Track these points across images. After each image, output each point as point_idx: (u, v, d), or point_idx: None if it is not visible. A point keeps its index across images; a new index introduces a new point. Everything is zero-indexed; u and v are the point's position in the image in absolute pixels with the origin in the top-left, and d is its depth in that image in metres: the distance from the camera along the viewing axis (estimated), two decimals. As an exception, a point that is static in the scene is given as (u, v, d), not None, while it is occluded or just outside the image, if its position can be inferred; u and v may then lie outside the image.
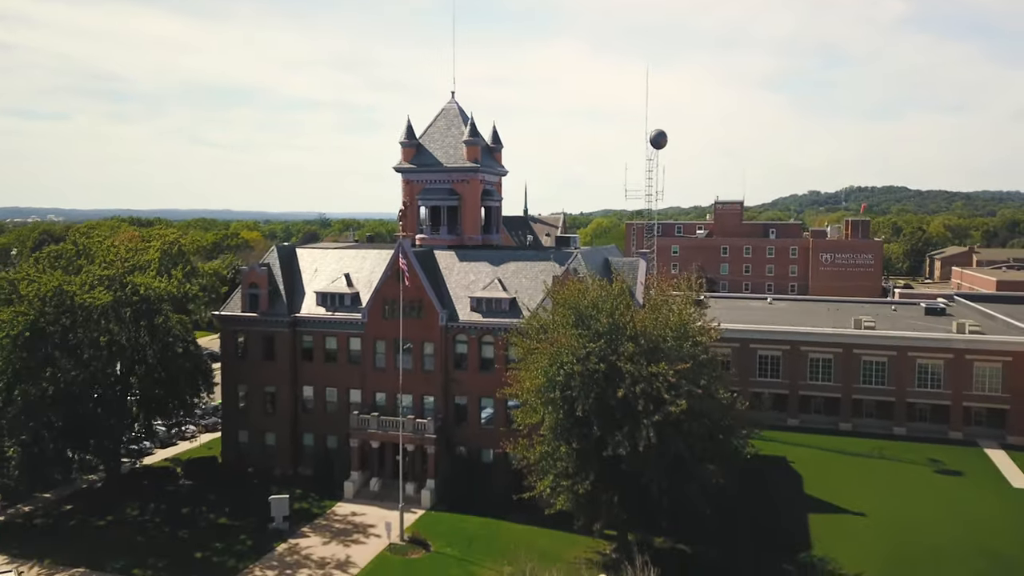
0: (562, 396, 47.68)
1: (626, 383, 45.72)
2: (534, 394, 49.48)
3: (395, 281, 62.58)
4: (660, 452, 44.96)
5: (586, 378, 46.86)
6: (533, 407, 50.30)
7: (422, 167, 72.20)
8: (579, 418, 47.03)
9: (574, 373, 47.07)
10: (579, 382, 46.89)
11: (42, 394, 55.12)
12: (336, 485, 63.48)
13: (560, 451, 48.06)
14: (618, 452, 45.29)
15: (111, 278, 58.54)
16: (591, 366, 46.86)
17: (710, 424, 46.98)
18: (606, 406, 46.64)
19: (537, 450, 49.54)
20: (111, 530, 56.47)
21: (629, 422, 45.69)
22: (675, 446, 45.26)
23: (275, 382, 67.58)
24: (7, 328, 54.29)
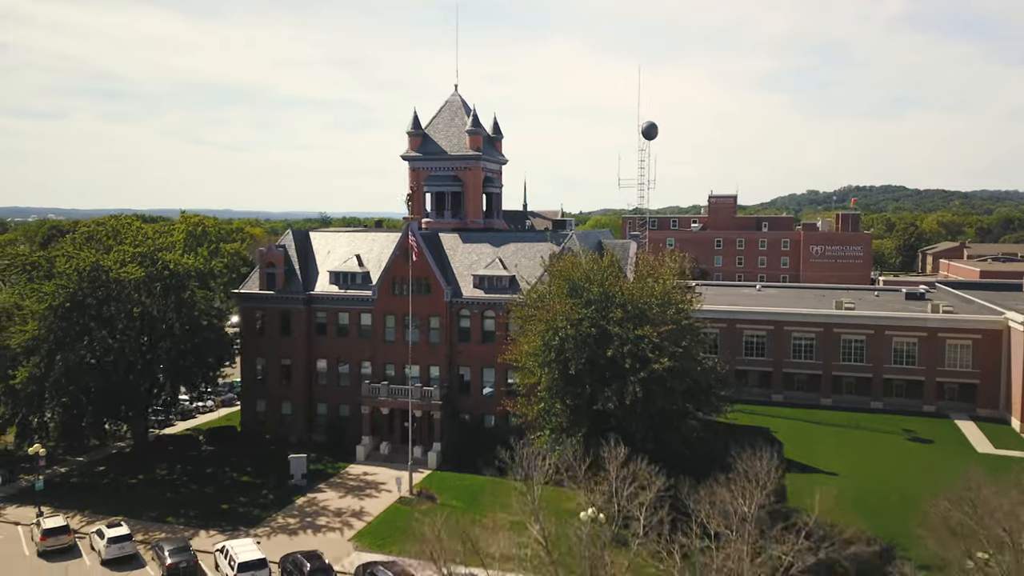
0: (557, 358, 52.64)
1: (615, 345, 50.68)
2: (532, 357, 54.47)
3: (403, 261, 67.53)
4: (645, 406, 49.85)
5: (579, 341, 51.81)
6: (531, 369, 55.26)
7: (427, 155, 77.14)
8: (572, 377, 51.96)
9: (568, 337, 52.04)
10: (572, 345, 51.85)
11: (80, 361, 60.01)
12: (348, 450, 68.40)
13: (556, 408, 52.97)
14: (607, 407, 50.20)
15: (143, 255, 63.50)
16: (583, 330, 51.82)
17: (691, 382, 51.88)
18: (597, 366, 51.56)
19: (535, 408, 54.44)
20: (143, 487, 61.37)
21: (617, 380, 50.61)
22: (659, 400, 50.16)
23: (291, 355, 72.48)
24: (48, 299, 59.23)
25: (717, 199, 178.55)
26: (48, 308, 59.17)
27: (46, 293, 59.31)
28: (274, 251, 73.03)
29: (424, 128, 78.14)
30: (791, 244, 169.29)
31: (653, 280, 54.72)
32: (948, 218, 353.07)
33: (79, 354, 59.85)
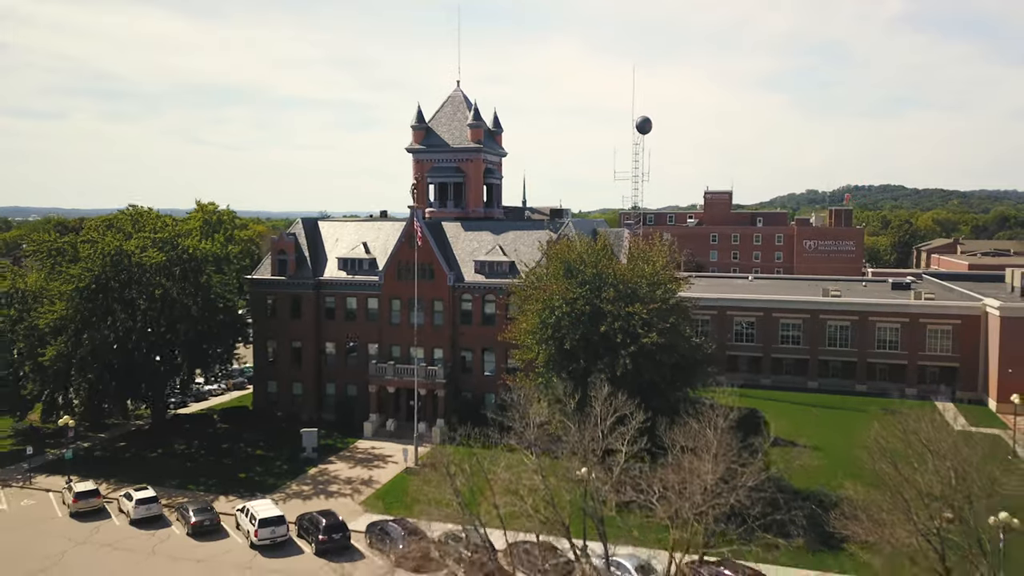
0: (553, 335, 56.33)
1: (607, 321, 54.38)
2: (530, 335, 58.17)
3: (408, 247, 71.23)
4: (635, 377, 53.47)
5: (573, 318, 55.50)
6: (529, 347, 58.95)
7: (431, 148, 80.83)
8: (568, 352, 55.65)
9: (563, 315, 55.73)
10: (567, 322, 55.55)
11: (104, 340, 63.70)
12: (356, 426, 72.05)
13: (552, 381, 56.56)
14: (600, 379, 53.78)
15: (163, 240, 67.21)
16: (578, 308, 55.50)
17: (678, 356, 55.54)
18: (590, 342, 55.23)
19: (534, 382, 58.10)
20: (163, 459, 65.09)
21: (609, 354, 54.29)
22: (647, 373, 53.82)
23: (301, 338, 76.17)
24: (75, 281, 62.95)
25: (712, 195, 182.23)
26: (75, 289, 62.93)
27: (73, 275, 63.08)
28: (285, 239, 76.75)
29: (427, 122, 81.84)
30: (785, 239, 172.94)
31: (644, 262, 58.39)
32: (943, 216, 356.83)
33: (103, 334, 63.57)
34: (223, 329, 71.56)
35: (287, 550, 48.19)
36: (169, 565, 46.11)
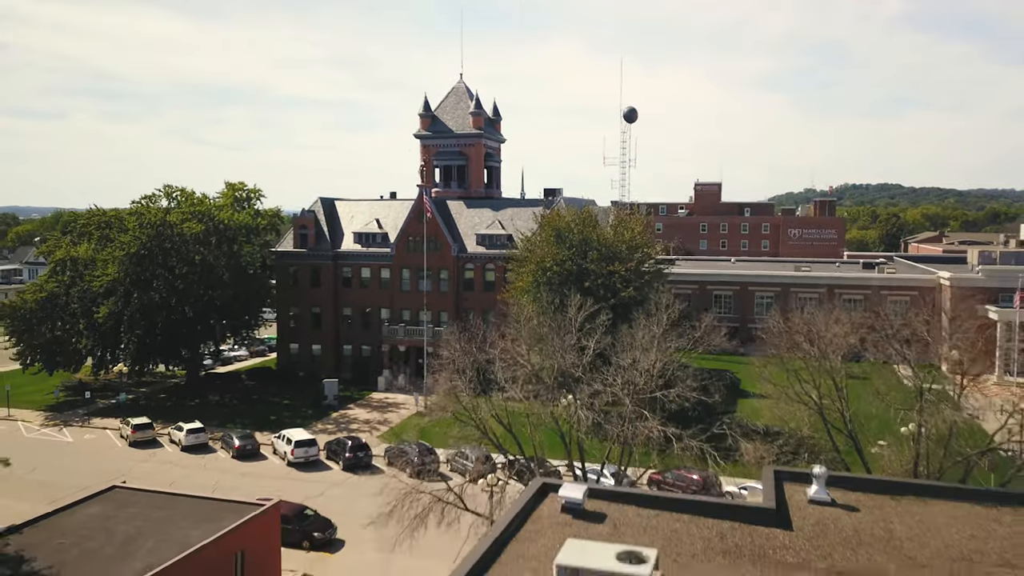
0: (545, 292, 64.86)
1: (591, 279, 62.96)
2: (524, 293, 66.67)
3: (417, 222, 79.84)
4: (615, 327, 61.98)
5: (562, 277, 64.06)
6: (523, 305, 67.45)
7: (436, 134, 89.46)
8: (557, 306, 64.20)
9: (553, 274, 64.28)
10: (557, 280, 64.12)
11: (150, 301, 72.29)
12: (371, 381, 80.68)
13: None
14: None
15: (201, 213, 75.86)
16: (566, 268, 64.09)
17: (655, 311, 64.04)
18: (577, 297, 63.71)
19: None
20: (201, 407, 73.69)
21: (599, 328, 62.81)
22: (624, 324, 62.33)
23: (320, 304, 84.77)
24: (126, 248, 71.61)
25: (702, 186, 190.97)
26: (125, 256, 71.57)
27: (124, 243, 71.75)
28: (306, 215, 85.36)
29: (434, 110, 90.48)
30: (771, 228, 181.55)
31: (624, 230, 67.01)
32: (933, 211, 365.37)
33: (149, 295, 72.18)
34: (253, 294, 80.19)
35: (318, 467, 56.85)
36: (219, 476, 54.72)
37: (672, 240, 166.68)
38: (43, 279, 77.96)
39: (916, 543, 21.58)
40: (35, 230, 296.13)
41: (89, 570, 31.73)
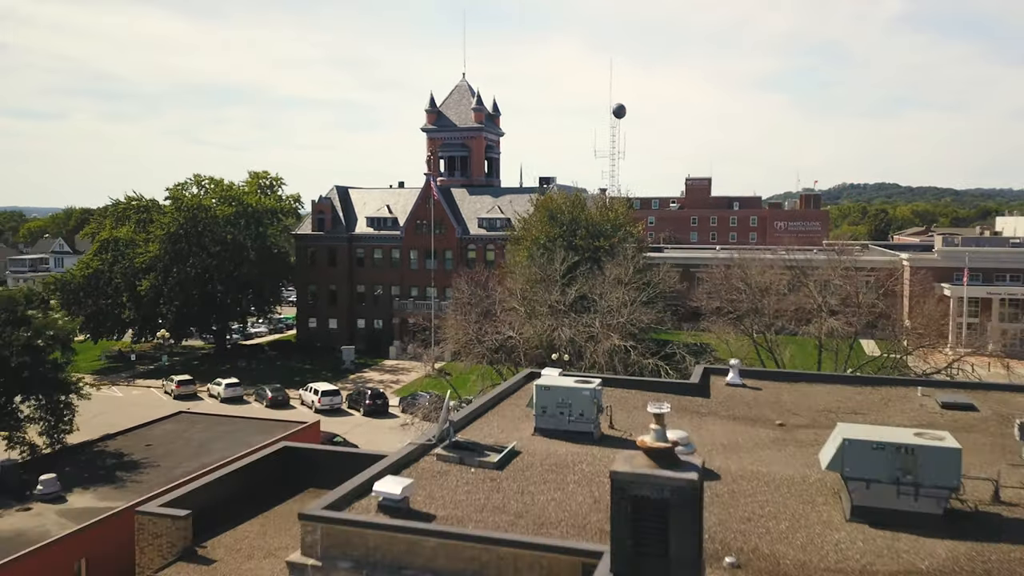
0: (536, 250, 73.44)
1: (579, 252, 71.48)
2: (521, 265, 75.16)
3: (425, 207, 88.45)
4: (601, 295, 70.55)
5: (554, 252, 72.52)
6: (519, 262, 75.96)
7: (441, 128, 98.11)
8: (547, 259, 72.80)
9: (546, 250, 72.77)
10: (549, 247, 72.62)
11: (186, 275, 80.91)
12: (383, 351, 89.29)
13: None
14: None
15: (232, 197, 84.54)
16: (558, 244, 72.60)
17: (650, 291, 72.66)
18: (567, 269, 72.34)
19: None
20: (231, 370, 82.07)
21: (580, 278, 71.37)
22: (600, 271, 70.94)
23: (336, 282, 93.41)
24: (166, 228, 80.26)
25: (693, 181, 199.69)
26: (165, 235, 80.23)
27: (164, 223, 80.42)
28: (323, 202, 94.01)
29: (439, 106, 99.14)
30: (758, 221, 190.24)
31: (608, 210, 75.61)
32: (923, 208, 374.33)
33: (186, 271, 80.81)
34: (276, 271, 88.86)
35: (342, 414, 65.52)
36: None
37: (664, 231, 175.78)
38: (88, 257, 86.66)
39: (795, 404, 30.22)
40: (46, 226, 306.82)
41: (176, 461, 40.29)
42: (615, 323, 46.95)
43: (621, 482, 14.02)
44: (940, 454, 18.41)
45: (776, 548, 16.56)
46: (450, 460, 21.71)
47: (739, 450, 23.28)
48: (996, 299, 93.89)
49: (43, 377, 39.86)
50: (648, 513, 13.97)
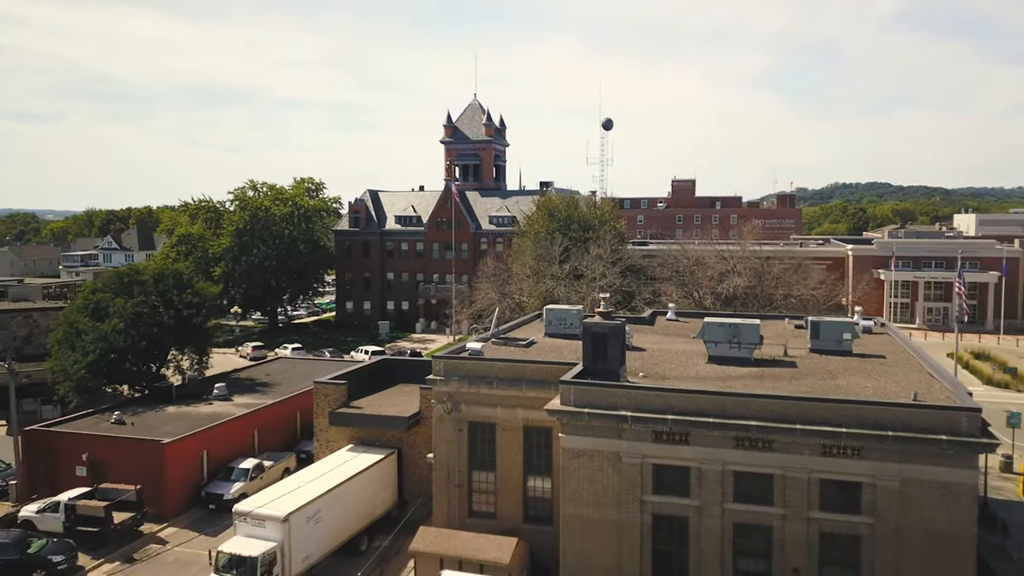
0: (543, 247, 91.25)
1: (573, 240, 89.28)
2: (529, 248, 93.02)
3: (445, 207, 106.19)
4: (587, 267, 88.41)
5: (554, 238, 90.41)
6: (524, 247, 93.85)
7: (457, 140, 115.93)
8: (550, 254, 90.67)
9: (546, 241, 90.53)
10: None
11: (251, 263, 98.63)
12: (410, 327, 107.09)
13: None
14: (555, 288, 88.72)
15: (285, 199, 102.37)
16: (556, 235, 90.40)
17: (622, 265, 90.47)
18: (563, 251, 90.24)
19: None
20: (290, 341, 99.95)
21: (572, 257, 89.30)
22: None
23: (370, 270, 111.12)
24: (235, 224, 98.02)
25: (679, 182, 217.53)
26: (234, 230, 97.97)
27: (234, 220, 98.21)
28: (358, 203, 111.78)
29: (454, 122, 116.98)
30: (738, 218, 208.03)
31: (596, 208, 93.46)
32: (902, 206, 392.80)
33: (251, 259, 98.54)
34: (320, 262, 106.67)
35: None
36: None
37: (652, 228, 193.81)
38: (166, 249, 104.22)
39: (706, 328, 48.17)
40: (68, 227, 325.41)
41: (292, 382, 57.94)
42: (596, 285, 64.82)
43: (588, 326, 32.11)
44: (750, 327, 36.51)
45: (666, 370, 34.67)
46: (499, 343, 39.82)
47: (662, 344, 41.43)
48: (921, 282, 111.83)
49: (198, 327, 57.45)
50: (599, 340, 31.93)
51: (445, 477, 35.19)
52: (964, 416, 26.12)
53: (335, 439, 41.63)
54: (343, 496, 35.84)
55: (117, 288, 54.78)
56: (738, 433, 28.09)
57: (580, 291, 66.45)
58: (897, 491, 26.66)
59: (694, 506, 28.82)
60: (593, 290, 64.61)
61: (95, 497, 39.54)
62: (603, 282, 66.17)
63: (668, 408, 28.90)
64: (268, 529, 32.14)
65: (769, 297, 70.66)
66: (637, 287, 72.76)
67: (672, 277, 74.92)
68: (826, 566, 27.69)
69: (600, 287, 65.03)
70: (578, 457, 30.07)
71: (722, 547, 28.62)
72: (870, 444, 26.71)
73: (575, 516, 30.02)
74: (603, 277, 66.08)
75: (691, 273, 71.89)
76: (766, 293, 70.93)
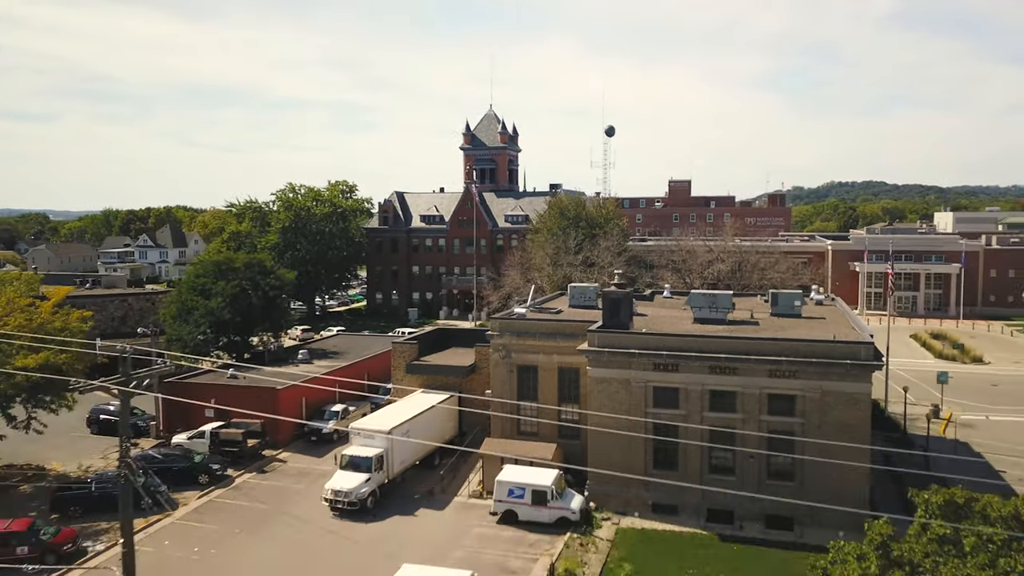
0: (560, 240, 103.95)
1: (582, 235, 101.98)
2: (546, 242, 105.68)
3: (465, 207, 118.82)
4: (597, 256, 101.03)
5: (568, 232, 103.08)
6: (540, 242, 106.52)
7: (475, 147, 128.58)
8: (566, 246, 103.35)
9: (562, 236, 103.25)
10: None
11: (296, 256, 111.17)
12: (435, 314, 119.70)
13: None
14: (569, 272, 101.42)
15: (323, 200, 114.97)
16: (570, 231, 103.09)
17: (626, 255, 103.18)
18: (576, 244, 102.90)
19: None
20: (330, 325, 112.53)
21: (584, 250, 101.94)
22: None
23: (398, 264, 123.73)
24: (281, 223, 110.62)
25: (676, 183, 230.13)
26: (281, 228, 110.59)
27: (281, 219, 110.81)
28: (387, 203, 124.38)
29: (472, 130, 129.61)
30: (731, 217, 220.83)
31: (601, 207, 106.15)
32: (892, 205, 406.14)
33: (296, 253, 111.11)
34: (354, 257, 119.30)
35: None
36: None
37: (650, 227, 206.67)
38: (216, 245, 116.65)
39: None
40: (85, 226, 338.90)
41: (357, 350, 70.38)
42: (606, 272, 77.46)
43: (606, 292, 45.07)
44: (725, 296, 49.33)
45: (662, 325, 47.43)
46: (536, 311, 52.57)
47: (659, 312, 54.15)
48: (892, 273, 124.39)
49: (278, 306, 69.99)
50: (614, 302, 44.76)
51: (500, 406, 47.84)
52: (862, 348, 38.83)
53: (410, 385, 54.28)
54: (422, 422, 48.45)
55: (215, 274, 67.32)
56: (712, 363, 40.73)
57: (591, 277, 79.01)
58: (819, 399, 39.32)
59: (681, 415, 41.45)
60: (603, 275, 77.24)
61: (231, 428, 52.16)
62: (611, 269, 78.77)
63: (663, 347, 41.57)
64: (376, 440, 44.72)
65: (747, 280, 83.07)
66: (639, 274, 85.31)
67: (668, 265, 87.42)
68: (772, 453, 40.31)
69: (609, 273, 77.65)
70: (600, 383, 42.71)
71: (701, 442, 41.26)
72: (801, 368, 39.37)
73: (598, 425, 42.63)
74: (611, 265, 78.68)
75: (683, 261, 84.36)
76: (745, 277, 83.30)
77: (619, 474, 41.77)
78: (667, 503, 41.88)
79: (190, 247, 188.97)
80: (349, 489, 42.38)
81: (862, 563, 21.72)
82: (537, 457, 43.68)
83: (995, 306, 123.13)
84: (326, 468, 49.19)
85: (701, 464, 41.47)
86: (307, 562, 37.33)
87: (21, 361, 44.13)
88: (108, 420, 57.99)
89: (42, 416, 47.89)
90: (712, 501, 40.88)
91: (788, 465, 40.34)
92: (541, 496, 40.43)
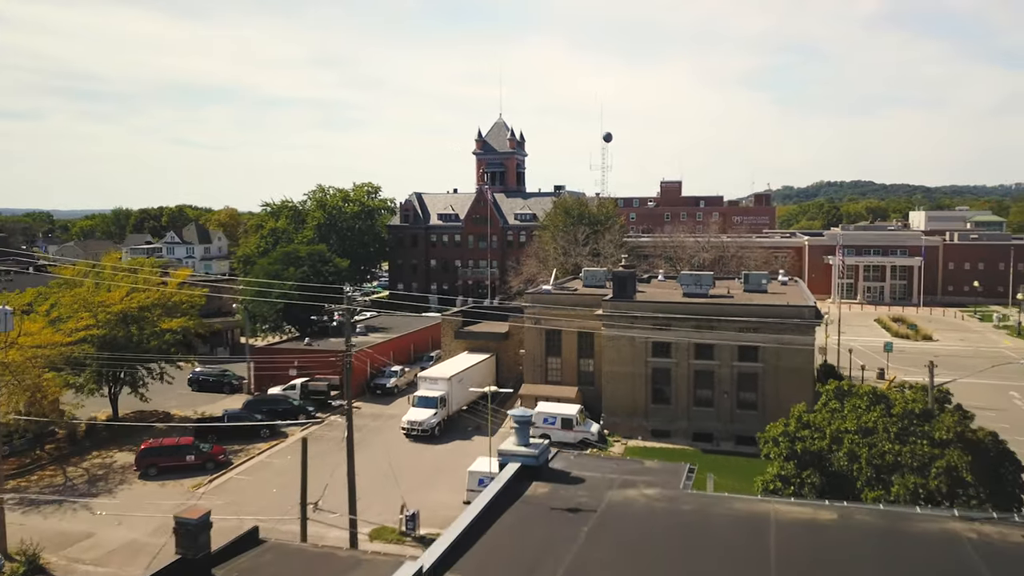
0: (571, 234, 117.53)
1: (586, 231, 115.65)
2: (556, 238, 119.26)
3: (479, 206, 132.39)
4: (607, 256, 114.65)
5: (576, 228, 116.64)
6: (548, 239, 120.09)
7: (486, 152, 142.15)
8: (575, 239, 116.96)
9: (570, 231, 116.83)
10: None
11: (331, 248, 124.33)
12: (451, 303, 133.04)
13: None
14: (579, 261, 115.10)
15: (355, 200, 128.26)
16: (570, 229, 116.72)
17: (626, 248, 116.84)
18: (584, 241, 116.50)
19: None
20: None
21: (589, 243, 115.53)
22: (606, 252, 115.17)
23: (417, 258, 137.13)
24: (316, 220, 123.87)
25: (667, 183, 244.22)
26: (316, 224, 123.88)
27: (315, 217, 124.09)
28: (407, 203, 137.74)
29: (484, 136, 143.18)
30: (720, 216, 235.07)
31: (602, 207, 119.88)
32: (875, 204, 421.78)
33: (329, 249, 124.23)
34: (381, 251, 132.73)
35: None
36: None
37: (643, 225, 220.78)
38: (255, 240, 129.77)
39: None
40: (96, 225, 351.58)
41: (398, 329, 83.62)
42: (610, 261, 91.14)
43: (615, 272, 59.00)
44: (707, 276, 63.33)
45: (658, 297, 61.29)
46: (558, 289, 66.31)
47: (655, 290, 67.93)
48: (861, 266, 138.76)
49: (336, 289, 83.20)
50: (621, 279, 58.73)
51: (532, 360, 61.37)
52: (806, 309, 52.61)
53: (457, 349, 67.83)
54: (471, 374, 61.98)
55: (285, 262, 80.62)
56: (696, 323, 54.37)
57: (597, 264, 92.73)
58: (776, 349, 53.01)
59: (673, 362, 55.07)
60: (607, 263, 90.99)
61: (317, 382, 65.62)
62: (615, 257, 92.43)
63: (659, 311, 55.19)
64: (440, 384, 58.23)
65: (728, 268, 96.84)
66: (637, 264, 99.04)
67: (661, 255, 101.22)
68: (741, 390, 54.01)
69: (614, 260, 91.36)
70: (611, 340, 56.30)
71: (688, 383, 54.90)
72: (762, 325, 53.04)
73: (609, 372, 56.21)
74: (614, 255, 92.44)
75: (674, 252, 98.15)
76: (726, 266, 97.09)
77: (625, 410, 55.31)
78: (663, 429, 55.55)
79: (214, 243, 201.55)
80: (421, 420, 55.94)
81: (787, 425, 35.33)
82: (563, 396, 57.29)
83: (953, 295, 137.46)
84: (393, 412, 62.65)
85: (688, 399, 55.15)
86: (401, 464, 50.87)
87: (165, 324, 57.49)
88: (207, 380, 71.31)
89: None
90: (697, 426, 54.58)
91: (753, 398, 54.06)
92: (568, 422, 54.02)
